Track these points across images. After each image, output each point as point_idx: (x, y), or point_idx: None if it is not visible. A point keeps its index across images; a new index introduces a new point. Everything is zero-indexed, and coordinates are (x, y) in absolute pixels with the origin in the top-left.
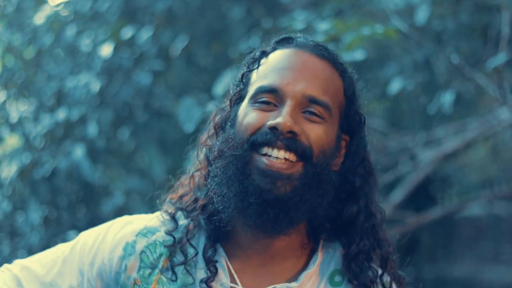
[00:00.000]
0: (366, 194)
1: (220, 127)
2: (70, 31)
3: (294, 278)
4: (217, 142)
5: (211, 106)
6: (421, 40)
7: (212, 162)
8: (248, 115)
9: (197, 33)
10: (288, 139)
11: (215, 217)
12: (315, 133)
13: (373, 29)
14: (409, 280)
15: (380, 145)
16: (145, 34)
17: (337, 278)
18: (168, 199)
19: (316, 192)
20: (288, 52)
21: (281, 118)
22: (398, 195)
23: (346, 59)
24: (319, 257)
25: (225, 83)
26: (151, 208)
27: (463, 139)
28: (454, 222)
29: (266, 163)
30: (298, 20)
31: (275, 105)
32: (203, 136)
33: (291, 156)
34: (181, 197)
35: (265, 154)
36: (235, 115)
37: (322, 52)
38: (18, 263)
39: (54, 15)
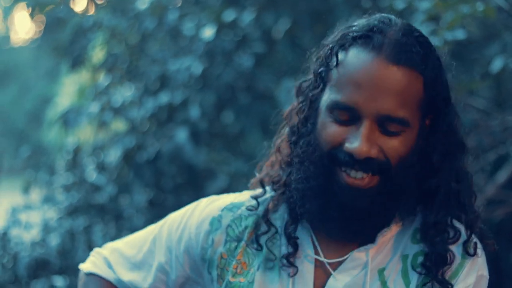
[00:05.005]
0: (447, 167)
1: (304, 117)
2: (173, 15)
3: (372, 239)
4: (299, 145)
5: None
6: None
7: (294, 169)
8: (326, 127)
9: (300, 15)
10: (365, 162)
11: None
12: (393, 146)
13: (474, 7)
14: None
15: (483, 124)
16: (248, 17)
17: (419, 236)
18: (264, 166)
19: (396, 197)
20: (364, 61)
21: (357, 143)
22: (503, 175)
23: (447, 38)
24: (395, 221)
25: None
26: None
27: None
28: None
29: (345, 180)
30: None
31: (352, 118)
32: (288, 109)
33: (368, 175)
34: (272, 165)
35: (344, 171)
36: (317, 108)
37: (399, 56)
38: (108, 246)
39: (157, 0)
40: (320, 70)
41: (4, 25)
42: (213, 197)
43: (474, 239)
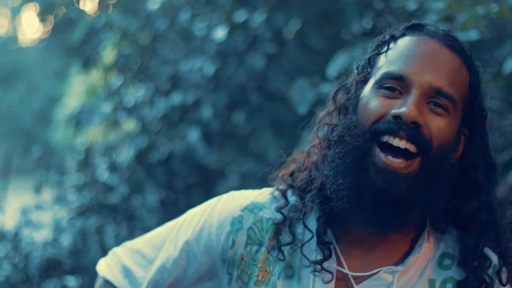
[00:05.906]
0: (487, 189)
1: (343, 107)
2: (184, 16)
3: (401, 261)
4: (339, 124)
5: (324, 88)
6: None
7: (331, 146)
8: (371, 101)
9: (310, 15)
10: (411, 129)
11: (328, 204)
12: (438, 126)
13: (488, 8)
14: None
15: (496, 124)
16: (259, 18)
17: (446, 261)
18: (280, 175)
19: (432, 189)
20: (417, 40)
21: (405, 108)
22: None
23: (460, 39)
24: (425, 241)
25: (338, 65)
26: None
27: None
28: None
29: (384, 161)
30: (411, 0)
31: (400, 93)
32: (322, 113)
33: (412, 147)
34: (292, 173)
35: (385, 147)
36: (358, 98)
37: (452, 43)
38: (128, 247)
39: (169, 0)
40: (370, 56)
41: (12, 25)
42: (232, 194)
43: (505, 273)
